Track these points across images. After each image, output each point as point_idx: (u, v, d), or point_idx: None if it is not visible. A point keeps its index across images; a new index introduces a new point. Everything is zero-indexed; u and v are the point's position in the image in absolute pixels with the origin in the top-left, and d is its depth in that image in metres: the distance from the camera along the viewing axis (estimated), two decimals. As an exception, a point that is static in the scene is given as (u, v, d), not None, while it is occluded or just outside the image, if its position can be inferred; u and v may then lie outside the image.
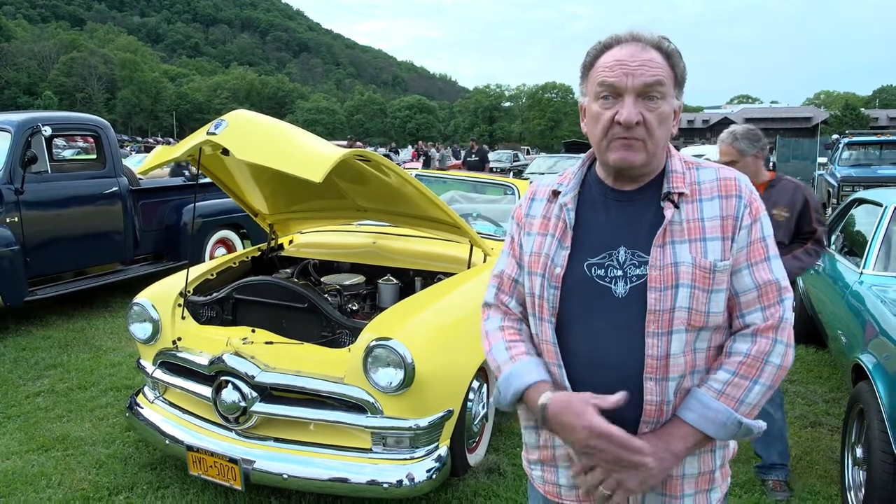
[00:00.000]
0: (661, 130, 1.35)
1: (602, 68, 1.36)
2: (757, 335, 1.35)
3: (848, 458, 3.16)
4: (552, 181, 1.54)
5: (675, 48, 1.38)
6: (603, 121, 1.35)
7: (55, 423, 3.97)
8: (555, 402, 1.35)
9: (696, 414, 1.34)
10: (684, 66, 1.39)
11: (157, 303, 3.38)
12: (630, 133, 1.33)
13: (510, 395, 1.44)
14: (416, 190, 3.23)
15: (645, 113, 1.32)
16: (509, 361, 1.47)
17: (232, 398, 2.90)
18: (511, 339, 1.51)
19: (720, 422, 1.32)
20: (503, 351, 1.49)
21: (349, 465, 2.83)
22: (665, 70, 1.35)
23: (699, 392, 1.35)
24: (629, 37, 1.37)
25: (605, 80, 1.34)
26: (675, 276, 1.32)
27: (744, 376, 1.33)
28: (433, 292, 3.34)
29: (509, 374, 1.46)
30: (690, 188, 1.38)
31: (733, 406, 1.33)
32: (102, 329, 5.92)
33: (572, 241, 1.42)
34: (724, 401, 1.33)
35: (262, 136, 2.84)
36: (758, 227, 1.37)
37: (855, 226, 4.62)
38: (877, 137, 14.59)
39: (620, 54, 1.35)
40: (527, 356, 1.46)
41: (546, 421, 1.37)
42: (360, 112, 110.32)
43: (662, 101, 1.34)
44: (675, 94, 1.38)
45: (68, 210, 6.09)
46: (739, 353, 1.35)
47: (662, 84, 1.33)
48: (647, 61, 1.33)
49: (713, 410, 1.33)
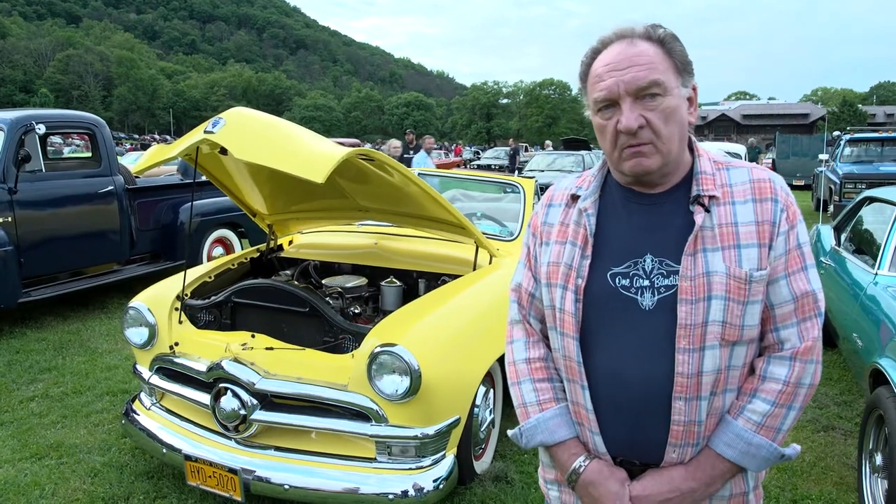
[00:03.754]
0: (671, 127, 1.25)
1: (594, 78, 1.28)
2: (795, 359, 1.26)
3: (866, 465, 3.07)
4: (570, 184, 1.45)
5: (668, 32, 1.28)
6: (608, 132, 1.27)
7: (49, 430, 3.86)
8: (590, 473, 1.33)
9: (737, 451, 1.25)
10: (682, 49, 1.28)
11: (154, 306, 3.27)
12: (636, 139, 1.24)
13: (535, 443, 1.40)
14: (420, 189, 3.13)
15: (646, 114, 1.23)
16: (537, 406, 1.40)
17: (231, 406, 2.81)
18: (539, 378, 1.42)
19: (762, 457, 1.25)
20: (531, 392, 1.42)
21: (353, 475, 2.74)
22: (660, 61, 1.25)
23: (737, 425, 1.26)
24: (614, 36, 1.28)
25: (598, 93, 1.26)
26: (708, 287, 1.22)
27: (782, 405, 1.25)
28: (439, 295, 3.25)
29: (536, 423, 1.39)
30: (722, 190, 1.28)
31: (772, 437, 1.25)
32: (98, 331, 5.82)
33: (593, 248, 1.33)
34: (763, 434, 1.25)
35: (261, 135, 2.73)
36: (795, 234, 1.27)
37: (867, 225, 4.53)
38: (878, 134, 14.54)
39: (609, 58, 1.26)
40: (555, 404, 1.39)
41: (574, 485, 1.35)
42: (357, 109, 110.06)
43: (664, 96, 1.23)
44: (682, 82, 1.27)
45: (63, 209, 5.97)
46: (777, 380, 1.26)
47: (657, 81, 1.23)
48: (637, 57, 1.24)
49: (754, 446, 1.25)
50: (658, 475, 1.29)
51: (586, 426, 1.34)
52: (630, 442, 1.30)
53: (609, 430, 1.32)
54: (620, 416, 1.30)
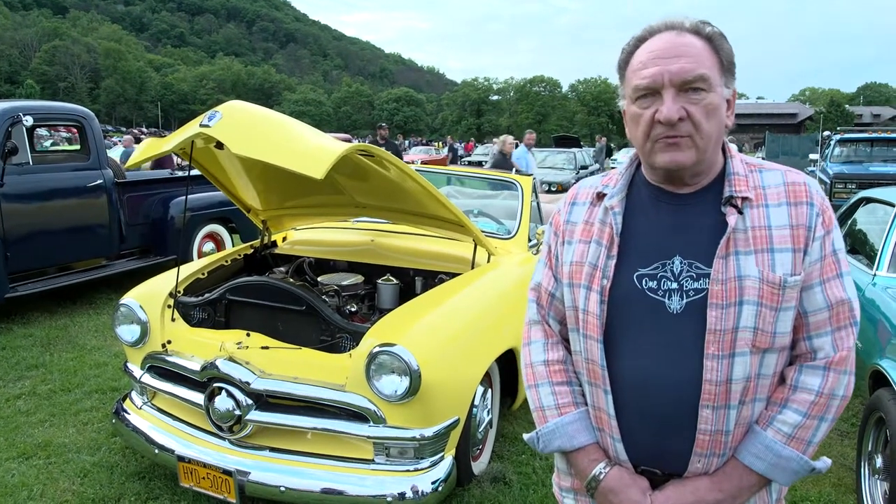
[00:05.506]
0: (711, 124, 1.21)
1: (637, 65, 1.23)
2: (829, 369, 1.22)
3: (865, 467, 3.06)
4: (595, 182, 1.40)
5: (717, 31, 1.24)
6: (643, 122, 1.22)
7: (37, 429, 3.78)
8: (610, 480, 1.29)
9: (766, 463, 1.21)
10: (730, 49, 1.25)
11: (146, 304, 3.20)
12: (674, 131, 1.19)
13: (552, 448, 1.36)
14: (419, 185, 3.08)
15: (688, 107, 1.18)
16: (555, 410, 1.36)
17: (226, 406, 2.75)
18: (558, 381, 1.38)
19: (792, 470, 1.21)
20: (549, 396, 1.38)
21: (350, 476, 2.69)
22: (707, 56, 1.21)
23: (766, 436, 1.22)
24: (663, 26, 1.24)
25: (640, 81, 1.21)
26: (740, 292, 1.18)
27: (814, 416, 1.21)
28: (437, 294, 3.20)
29: (555, 427, 1.35)
30: (755, 192, 1.24)
31: (802, 449, 1.21)
32: (87, 327, 5.72)
33: (619, 248, 1.28)
34: (794, 446, 1.21)
35: (258, 129, 2.66)
36: (831, 240, 1.23)
37: (863, 226, 4.52)
38: (868, 135, 14.63)
39: (655, 45, 1.22)
40: (574, 409, 1.35)
41: (594, 492, 1.31)
42: (347, 104, 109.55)
43: (708, 92, 1.19)
44: (725, 82, 1.24)
45: (51, 203, 5.87)
46: (810, 391, 1.21)
47: (705, 76, 1.19)
48: (685, 48, 1.20)
49: (785, 459, 1.21)
50: (682, 485, 1.25)
51: (607, 432, 1.30)
52: (653, 450, 1.26)
53: (632, 436, 1.28)
54: (644, 423, 1.25)
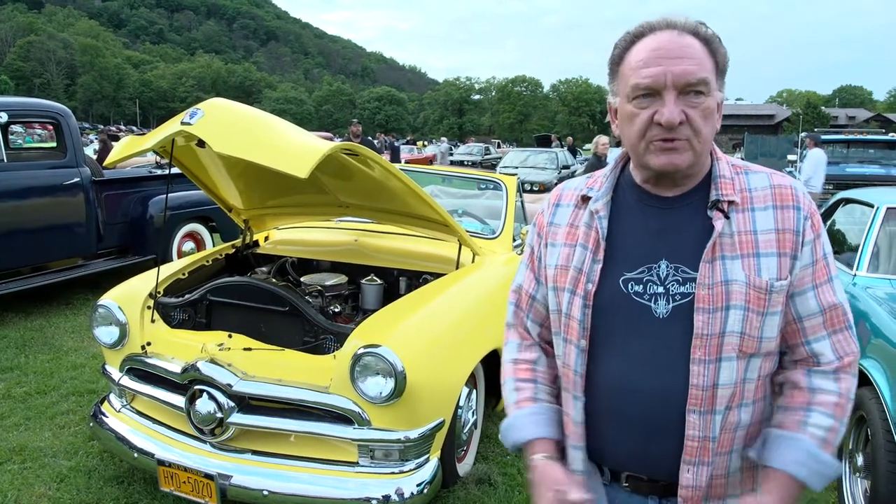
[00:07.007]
0: (708, 128, 1.19)
1: (636, 63, 1.19)
2: (845, 372, 1.22)
3: (846, 465, 3.09)
4: (580, 184, 1.38)
5: (714, 33, 1.22)
6: (640, 122, 1.19)
7: (11, 432, 3.69)
8: (536, 472, 1.29)
9: (809, 470, 1.17)
10: (725, 53, 1.23)
11: (125, 304, 3.14)
12: (673, 134, 1.16)
13: (509, 443, 1.37)
14: (403, 185, 3.05)
15: (688, 110, 1.16)
16: (514, 406, 1.37)
17: (207, 409, 2.70)
18: (521, 377, 1.40)
19: (827, 475, 1.18)
20: (511, 392, 1.40)
21: (334, 479, 2.66)
22: (706, 59, 1.19)
23: (807, 441, 1.19)
24: (664, 23, 1.21)
25: (641, 80, 1.18)
26: (726, 297, 1.17)
27: (839, 419, 1.21)
28: (422, 294, 3.17)
29: (512, 421, 1.37)
30: (741, 196, 1.22)
31: (832, 453, 1.19)
32: (63, 328, 5.61)
33: (605, 252, 1.26)
34: (826, 450, 1.19)
35: (241, 127, 2.62)
36: (821, 244, 1.23)
37: (843, 226, 4.58)
38: (844, 136, 14.89)
39: (657, 43, 1.19)
40: (530, 404, 1.36)
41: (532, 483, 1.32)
42: (328, 103, 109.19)
43: (706, 95, 1.17)
44: (718, 86, 1.22)
45: (26, 202, 5.74)
46: (831, 393, 1.21)
47: (706, 79, 1.17)
48: (688, 49, 1.17)
49: (822, 464, 1.18)
50: None
51: (570, 439, 1.31)
52: (639, 456, 1.25)
53: (616, 443, 1.26)
54: (630, 429, 1.24)
